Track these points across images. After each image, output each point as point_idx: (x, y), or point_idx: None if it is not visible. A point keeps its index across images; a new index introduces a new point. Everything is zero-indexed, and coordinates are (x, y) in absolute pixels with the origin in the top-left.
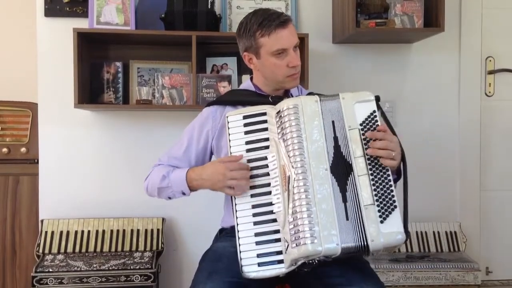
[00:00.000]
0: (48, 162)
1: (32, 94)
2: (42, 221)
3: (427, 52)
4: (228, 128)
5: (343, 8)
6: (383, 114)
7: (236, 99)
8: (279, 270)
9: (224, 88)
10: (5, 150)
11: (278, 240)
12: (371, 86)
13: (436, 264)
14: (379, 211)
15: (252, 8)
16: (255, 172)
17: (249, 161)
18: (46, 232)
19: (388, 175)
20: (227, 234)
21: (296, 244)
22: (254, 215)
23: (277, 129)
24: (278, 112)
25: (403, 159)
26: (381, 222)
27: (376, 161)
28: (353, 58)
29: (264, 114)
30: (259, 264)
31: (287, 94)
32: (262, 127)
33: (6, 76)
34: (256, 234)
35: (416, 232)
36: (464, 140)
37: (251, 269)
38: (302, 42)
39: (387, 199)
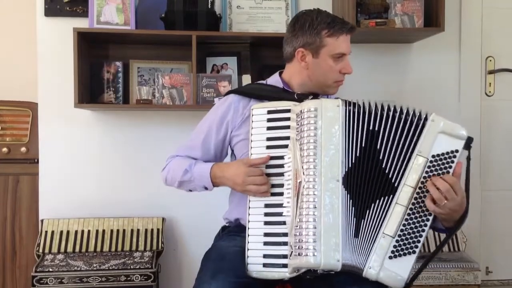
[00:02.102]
0: (48, 161)
1: (32, 93)
2: (42, 220)
3: (427, 52)
4: (252, 122)
5: (343, 7)
6: (468, 161)
7: (262, 94)
8: (282, 274)
9: (224, 87)
10: (5, 149)
11: (286, 243)
12: (371, 86)
13: (436, 264)
14: (394, 246)
15: (253, 8)
16: (271, 170)
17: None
18: (46, 232)
19: (427, 220)
20: (230, 233)
21: (299, 254)
22: (266, 214)
23: (296, 130)
24: (299, 113)
25: (460, 220)
26: (390, 258)
27: (424, 199)
28: (353, 58)
29: (288, 111)
30: (264, 265)
31: (315, 95)
32: (284, 125)
33: (6, 76)
34: (266, 234)
35: None
36: None
37: (255, 268)
38: None
39: (410, 241)
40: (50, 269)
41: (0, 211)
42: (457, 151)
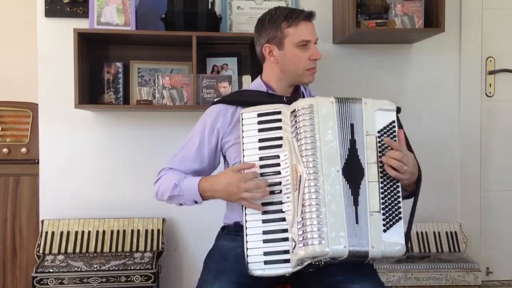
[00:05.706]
0: (48, 162)
1: (33, 94)
2: (42, 221)
3: (428, 53)
4: (242, 125)
5: (344, 8)
6: (401, 127)
7: (248, 100)
8: (285, 269)
9: (224, 88)
10: (5, 150)
11: (286, 239)
12: (371, 86)
13: (436, 265)
14: (383, 219)
15: (253, 8)
16: (266, 170)
17: (261, 158)
18: (46, 233)
19: (398, 187)
20: (230, 232)
21: (304, 244)
22: (263, 213)
23: (291, 128)
24: (293, 111)
25: (418, 180)
26: (384, 231)
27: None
28: (353, 58)
29: (279, 113)
30: (266, 262)
31: (299, 94)
32: (276, 126)
33: (6, 76)
34: (264, 232)
35: (417, 233)
36: (464, 140)
37: (257, 266)
38: None
39: (393, 209)
40: (51, 270)
41: (0, 212)
42: (394, 121)
